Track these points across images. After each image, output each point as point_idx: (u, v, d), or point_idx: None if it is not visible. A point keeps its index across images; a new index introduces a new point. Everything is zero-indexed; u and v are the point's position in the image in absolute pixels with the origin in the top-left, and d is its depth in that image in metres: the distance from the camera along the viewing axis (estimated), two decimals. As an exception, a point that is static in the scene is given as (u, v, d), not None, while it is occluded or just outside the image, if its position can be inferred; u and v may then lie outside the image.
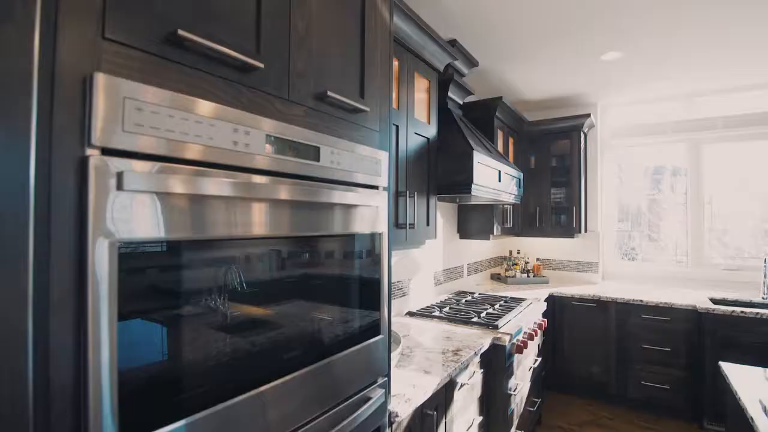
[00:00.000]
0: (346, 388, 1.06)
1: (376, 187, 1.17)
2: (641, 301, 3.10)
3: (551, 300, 3.47)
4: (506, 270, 3.84)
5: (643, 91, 3.50)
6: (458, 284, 3.39)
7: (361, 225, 1.11)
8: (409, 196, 1.94)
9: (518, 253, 4.02)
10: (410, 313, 2.52)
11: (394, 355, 1.51)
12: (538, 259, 4.09)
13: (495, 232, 3.16)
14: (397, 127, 1.85)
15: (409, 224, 1.94)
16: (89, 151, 0.57)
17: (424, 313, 2.48)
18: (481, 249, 3.88)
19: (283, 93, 0.90)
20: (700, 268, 3.59)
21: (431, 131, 2.18)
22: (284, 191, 0.84)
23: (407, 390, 1.43)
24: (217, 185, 0.71)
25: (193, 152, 0.69)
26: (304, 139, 0.91)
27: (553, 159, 3.81)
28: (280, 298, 0.89)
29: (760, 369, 1.75)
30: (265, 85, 0.85)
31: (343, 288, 1.07)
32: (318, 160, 0.95)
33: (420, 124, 2.06)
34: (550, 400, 3.33)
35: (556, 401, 3.32)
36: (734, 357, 2.72)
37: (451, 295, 3.06)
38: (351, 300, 1.10)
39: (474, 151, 2.16)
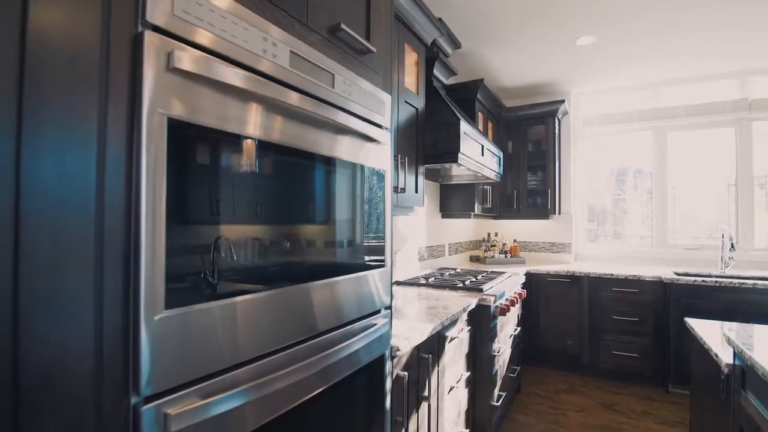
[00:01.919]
0: (355, 310, 1.12)
1: (380, 126, 1.23)
2: (612, 274, 3.29)
3: (528, 277, 3.61)
4: (485, 251, 3.97)
5: (614, 79, 3.71)
6: (440, 262, 3.49)
7: (368, 158, 1.17)
8: (401, 161, 2.01)
9: (496, 235, 4.17)
10: (397, 282, 2.59)
11: (390, 304, 1.57)
12: (515, 241, 4.25)
13: (476, 211, 3.27)
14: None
15: (401, 188, 2.01)
16: (142, 28, 0.61)
17: (411, 282, 2.56)
18: (461, 230, 3.99)
19: (303, 18, 0.95)
20: (664, 248, 3.83)
21: (420, 102, 2.26)
22: (309, 105, 0.89)
23: (405, 332, 1.49)
24: (252, 82, 0.75)
25: (226, 49, 0.74)
26: (322, 64, 0.96)
27: (530, 144, 3.98)
28: (296, 214, 0.94)
29: (718, 322, 1.97)
30: (287, 5, 0.90)
31: (353, 215, 1.13)
32: (333, 87, 1.00)
33: (410, 94, 2.13)
34: (528, 373, 3.47)
35: (533, 373, 3.47)
36: (696, 323, 2.93)
37: (434, 270, 3.15)
38: (359, 229, 1.15)
39: (460, 122, 2.25)
